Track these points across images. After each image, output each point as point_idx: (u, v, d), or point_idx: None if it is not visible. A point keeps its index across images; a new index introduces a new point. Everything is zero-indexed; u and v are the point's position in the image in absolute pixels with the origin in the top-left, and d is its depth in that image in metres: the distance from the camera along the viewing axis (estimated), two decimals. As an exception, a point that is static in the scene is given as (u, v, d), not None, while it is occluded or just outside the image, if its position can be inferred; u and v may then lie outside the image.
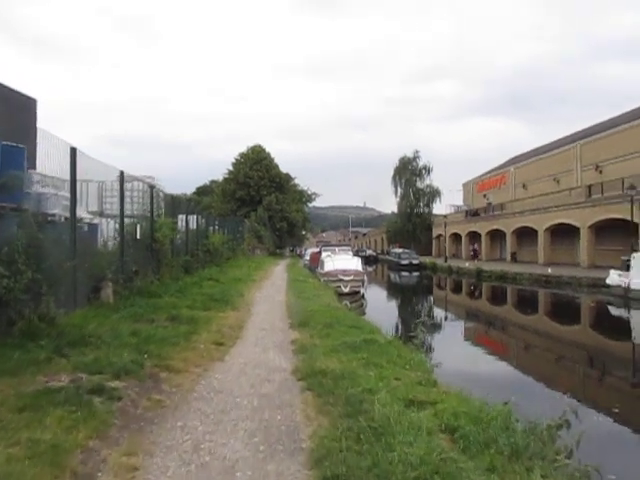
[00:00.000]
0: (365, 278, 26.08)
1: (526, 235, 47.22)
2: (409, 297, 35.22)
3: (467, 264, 46.26)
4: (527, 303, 28.17)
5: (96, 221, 13.72)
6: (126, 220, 12.85)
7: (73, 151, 8.69)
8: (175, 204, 19.20)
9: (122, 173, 11.31)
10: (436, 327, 19.46)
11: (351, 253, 32.28)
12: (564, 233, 41.81)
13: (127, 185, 17.63)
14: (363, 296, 26.56)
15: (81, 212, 15.17)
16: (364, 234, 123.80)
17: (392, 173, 78.48)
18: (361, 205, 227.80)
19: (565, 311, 24.62)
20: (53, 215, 10.64)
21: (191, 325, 8.59)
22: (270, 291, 17.23)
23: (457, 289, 37.70)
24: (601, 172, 40.92)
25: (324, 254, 29.18)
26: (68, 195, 12.74)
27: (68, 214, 13.07)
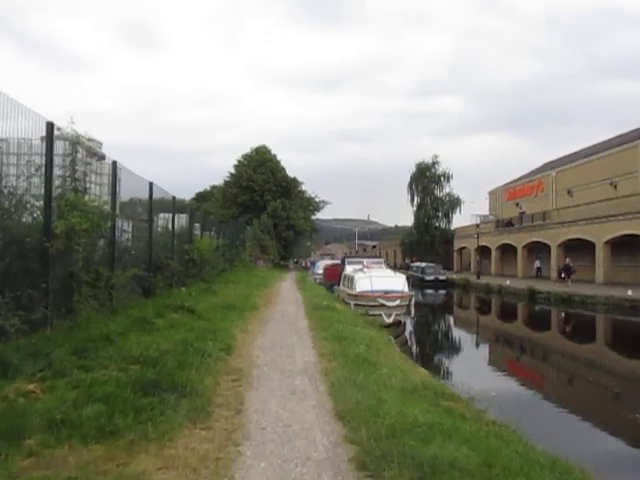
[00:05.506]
0: (413, 302, 18.79)
1: (575, 249, 39.86)
2: (450, 326, 27.88)
3: (508, 282, 38.93)
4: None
5: None
6: None
7: None
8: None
9: None
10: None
11: (385, 267, 24.90)
12: (626, 247, 34.71)
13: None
14: (404, 326, 19.36)
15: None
16: (373, 246, 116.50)
17: (408, 180, 71.80)
18: (365, 218, 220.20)
19: None
20: None
21: None
22: (282, 332, 9.93)
23: (523, 319, 28.60)
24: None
25: (349, 268, 21.84)
26: None
27: None
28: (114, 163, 9.63)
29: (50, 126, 6.76)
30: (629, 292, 26.95)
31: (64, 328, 6.77)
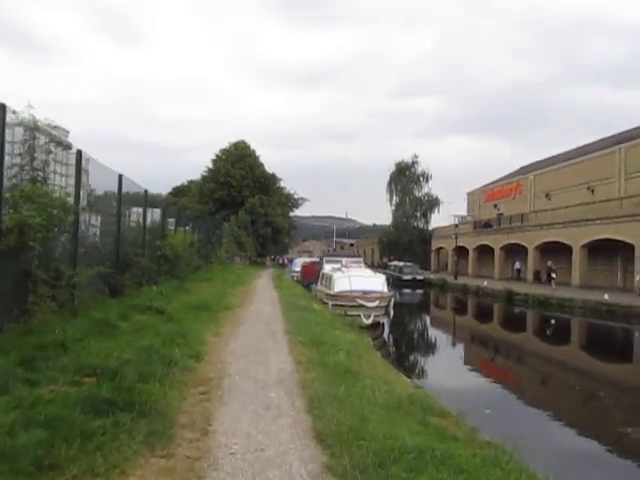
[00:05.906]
0: (392, 303, 18.38)
1: (552, 252, 40.03)
2: (428, 327, 27.67)
3: (485, 283, 38.95)
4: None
5: None
6: None
7: None
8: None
9: None
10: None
11: (364, 266, 24.50)
12: (602, 251, 35.05)
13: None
14: (383, 327, 18.97)
15: None
16: (351, 244, 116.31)
17: (387, 179, 71.74)
18: (343, 216, 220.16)
19: None
20: None
21: None
22: (257, 335, 9.38)
23: (499, 320, 28.54)
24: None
25: (328, 267, 21.37)
26: None
27: None
28: (79, 152, 8.93)
29: (1, 108, 6.09)
30: (605, 296, 27.06)
31: (16, 333, 6.14)
